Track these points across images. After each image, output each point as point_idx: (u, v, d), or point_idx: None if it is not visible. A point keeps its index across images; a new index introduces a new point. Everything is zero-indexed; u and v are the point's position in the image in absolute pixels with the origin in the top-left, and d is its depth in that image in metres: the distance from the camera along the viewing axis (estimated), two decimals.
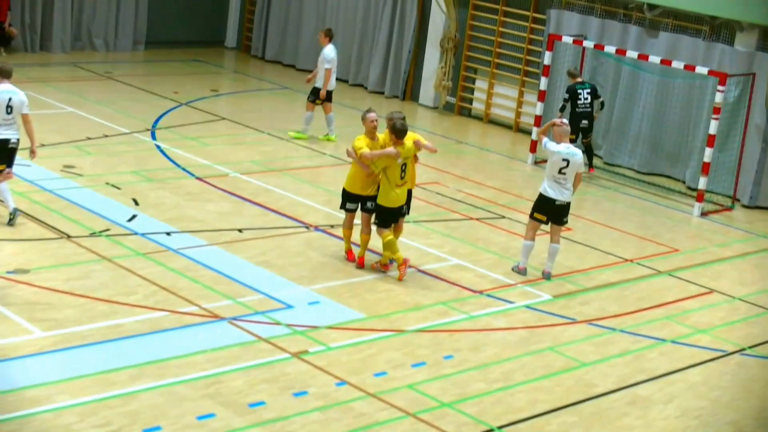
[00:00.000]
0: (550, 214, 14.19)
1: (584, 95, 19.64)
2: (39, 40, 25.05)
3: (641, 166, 20.97)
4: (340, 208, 14.14)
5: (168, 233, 14.32)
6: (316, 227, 15.28)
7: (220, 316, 11.95)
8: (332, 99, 20.08)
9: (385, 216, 13.71)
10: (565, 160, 13.94)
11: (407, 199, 13.97)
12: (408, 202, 14.02)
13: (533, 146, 20.55)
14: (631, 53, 19.66)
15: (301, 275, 13.44)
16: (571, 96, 19.58)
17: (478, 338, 12.29)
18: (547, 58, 20.59)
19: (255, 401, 10.15)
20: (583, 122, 19.66)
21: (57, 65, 24.22)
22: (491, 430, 10.22)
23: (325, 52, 19.88)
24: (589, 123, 19.79)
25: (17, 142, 13.92)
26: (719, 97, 18.27)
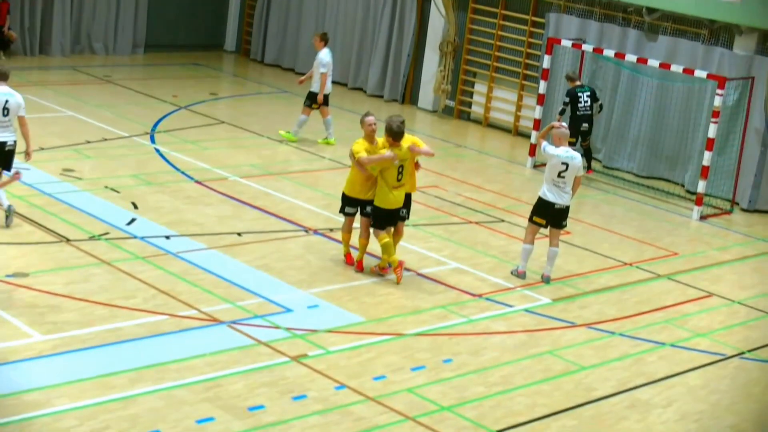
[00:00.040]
0: (550, 217, 14.19)
1: (584, 98, 19.65)
2: (38, 44, 25.05)
3: (640, 169, 20.97)
4: (340, 212, 14.13)
5: (167, 237, 14.32)
6: (316, 231, 15.28)
7: (220, 319, 11.95)
8: (329, 102, 20.07)
9: (381, 218, 13.69)
10: (564, 163, 13.94)
11: (407, 203, 13.98)
12: (408, 207, 14.03)
13: (532, 150, 20.55)
14: (630, 57, 19.66)
15: (300, 279, 13.44)
16: (571, 99, 19.58)
17: (478, 342, 12.29)
18: (546, 61, 20.59)
19: (254, 405, 10.15)
20: (584, 125, 19.67)
21: (56, 69, 24.23)
22: None
23: (320, 56, 19.85)
24: (590, 126, 19.80)
25: (14, 144, 13.91)
26: (718, 101, 18.28)
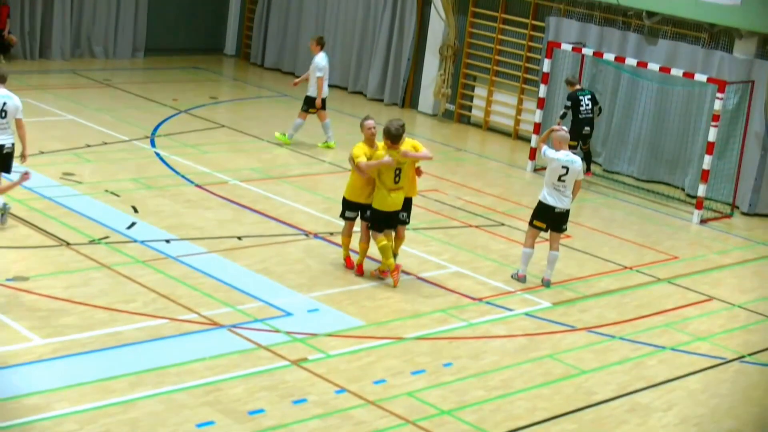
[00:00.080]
0: (550, 221, 14.19)
1: (585, 101, 19.67)
2: (38, 48, 25.05)
3: (640, 173, 20.97)
4: (340, 217, 14.12)
5: (167, 241, 14.32)
6: (316, 235, 15.28)
7: (220, 323, 11.94)
8: (326, 106, 20.05)
9: (379, 220, 13.69)
10: (565, 167, 13.94)
11: (408, 207, 13.96)
12: (409, 211, 14.01)
13: (532, 153, 20.56)
14: (630, 60, 19.67)
15: (300, 283, 13.44)
16: (573, 103, 19.59)
17: (478, 346, 12.28)
18: (546, 65, 20.60)
19: (254, 409, 10.14)
20: (586, 129, 19.70)
21: (56, 72, 24.23)
22: None
23: (317, 60, 19.82)
24: (591, 129, 19.83)
25: (12, 147, 13.91)
26: (718, 105, 18.28)
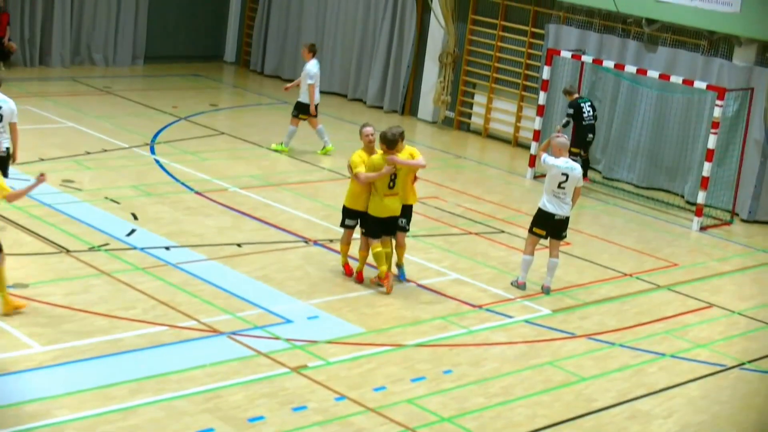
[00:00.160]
0: (549, 228, 14.19)
1: (587, 108, 19.72)
2: (38, 55, 25.07)
3: (640, 180, 20.98)
4: (341, 226, 14.09)
5: (167, 248, 14.32)
6: (315, 242, 15.27)
7: (219, 330, 11.93)
8: (317, 113, 20.03)
9: (373, 226, 13.67)
10: (564, 174, 13.94)
11: (407, 214, 13.94)
12: (408, 218, 13.99)
13: (532, 160, 20.56)
14: (630, 68, 19.66)
15: (300, 290, 13.43)
16: (575, 111, 19.61)
17: (478, 353, 12.27)
18: (546, 72, 20.61)
19: (254, 416, 10.13)
20: (589, 136, 19.75)
21: (56, 80, 24.24)
22: None
23: (308, 67, 19.84)
24: (593, 136, 19.87)
25: (7, 151, 13.92)
26: (718, 112, 18.28)
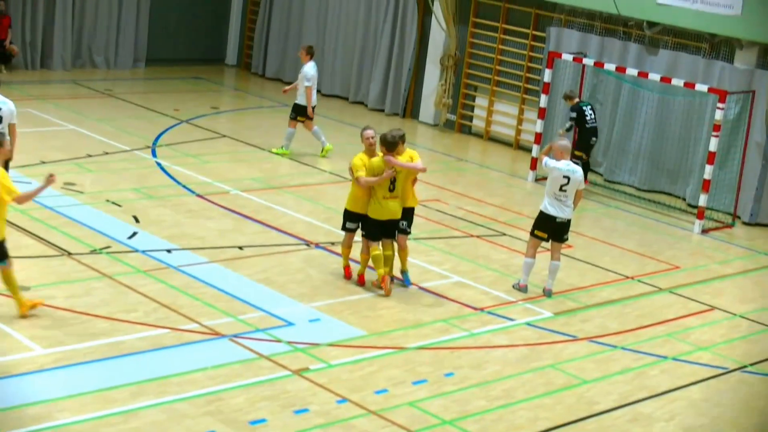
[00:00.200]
0: (551, 231, 14.18)
1: (588, 112, 19.73)
2: (40, 58, 25.07)
3: (642, 183, 20.97)
4: (342, 229, 14.08)
5: (169, 250, 14.32)
6: (317, 244, 15.27)
7: (221, 333, 11.93)
8: (313, 115, 20.04)
9: (372, 228, 13.68)
10: (566, 176, 13.94)
11: (408, 216, 13.92)
12: (408, 220, 13.97)
13: (533, 163, 20.56)
14: (631, 71, 19.68)
15: (301, 292, 13.43)
16: (578, 114, 19.62)
17: (479, 355, 12.27)
18: (547, 75, 20.61)
19: (256, 419, 10.13)
20: (593, 139, 19.76)
21: (57, 83, 24.25)
22: None
23: (305, 69, 19.85)
24: (596, 139, 19.89)
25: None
26: (719, 115, 18.28)
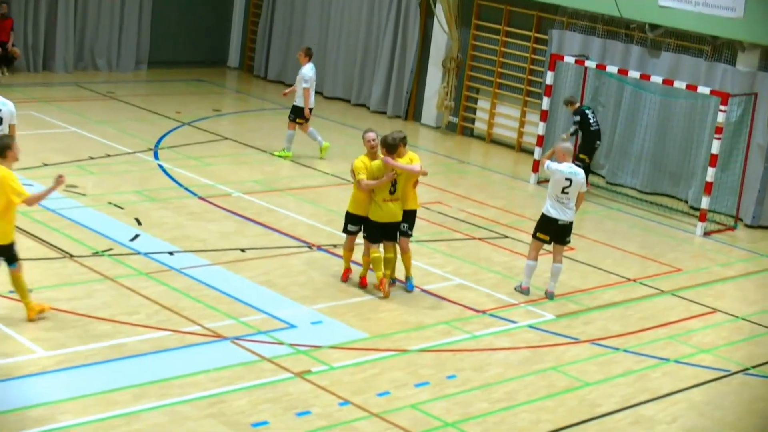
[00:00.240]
0: (553, 233, 14.18)
1: (590, 115, 19.73)
2: (42, 60, 25.10)
3: (644, 185, 20.97)
4: (343, 232, 14.07)
5: (171, 253, 14.32)
6: (319, 247, 15.27)
7: (223, 335, 11.93)
8: (310, 116, 20.04)
9: (373, 230, 13.67)
10: (568, 179, 13.94)
11: (409, 219, 13.90)
12: (410, 222, 13.95)
13: (535, 166, 20.56)
14: (633, 73, 19.68)
15: (303, 295, 13.43)
16: (582, 118, 19.62)
17: (482, 358, 12.26)
18: (549, 78, 20.62)
19: (258, 421, 10.12)
20: (597, 142, 19.76)
21: (59, 85, 24.26)
22: None
23: (303, 71, 19.87)
24: (600, 142, 19.90)
25: None
26: (721, 117, 18.28)
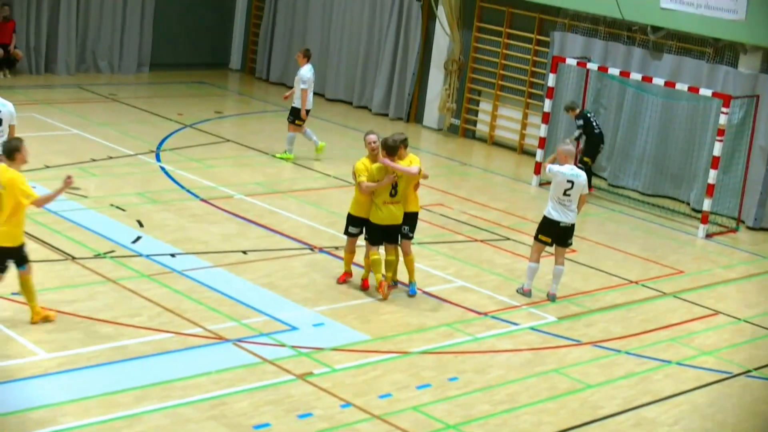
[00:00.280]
0: (555, 236, 14.18)
1: (593, 118, 19.75)
2: (44, 63, 25.11)
3: (645, 187, 20.97)
4: (344, 234, 14.08)
5: (173, 255, 14.32)
6: (321, 249, 15.27)
7: (225, 337, 11.94)
8: (307, 117, 20.05)
9: (373, 233, 13.67)
10: (570, 181, 13.94)
11: (410, 221, 13.89)
12: (411, 225, 13.94)
13: (537, 168, 20.56)
14: (635, 75, 19.68)
15: (305, 297, 13.43)
16: (585, 122, 19.63)
17: (483, 360, 12.26)
18: (551, 80, 20.62)
19: (260, 423, 10.12)
20: (601, 145, 19.77)
21: (62, 87, 24.27)
22: None
23: (302, 72, 19.89)
24: (603, 145, 19.91)
25: None
26: (723, 119, 18.28)
